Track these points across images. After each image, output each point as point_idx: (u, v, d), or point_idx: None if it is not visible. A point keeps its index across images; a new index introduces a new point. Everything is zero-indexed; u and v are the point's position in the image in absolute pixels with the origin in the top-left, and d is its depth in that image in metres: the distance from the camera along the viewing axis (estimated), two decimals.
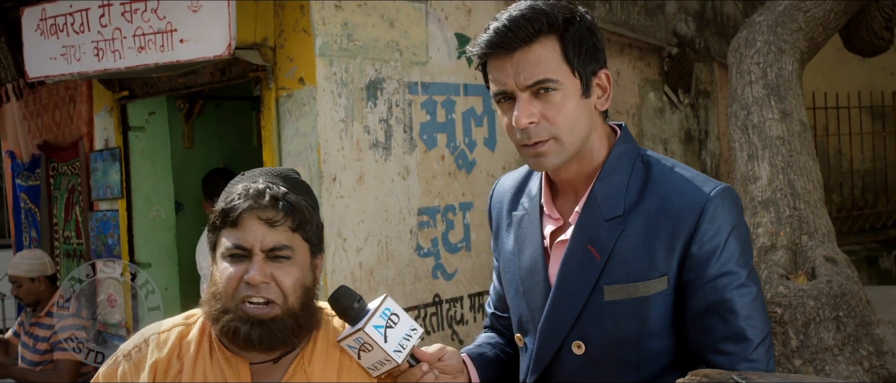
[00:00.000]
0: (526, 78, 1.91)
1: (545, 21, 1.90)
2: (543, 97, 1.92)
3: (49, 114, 6.59)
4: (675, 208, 1.92)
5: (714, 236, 1.89)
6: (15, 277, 5.43)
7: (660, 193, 1.95)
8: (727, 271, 1.90)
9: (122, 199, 5.86)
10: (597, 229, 1.97)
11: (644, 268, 1.92)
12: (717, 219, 1.90)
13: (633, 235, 1.94)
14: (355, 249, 4.73)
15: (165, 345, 2.01)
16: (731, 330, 1.89)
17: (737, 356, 1.89)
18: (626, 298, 1.93)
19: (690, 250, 1.90)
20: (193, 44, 4.43)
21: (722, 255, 1.90)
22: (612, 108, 6.50)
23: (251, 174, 2.04)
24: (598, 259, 1.95)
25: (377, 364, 1.96)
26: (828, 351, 3.69)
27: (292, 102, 4.69)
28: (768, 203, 4.23)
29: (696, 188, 1.93)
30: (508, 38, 1.91)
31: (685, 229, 1.90)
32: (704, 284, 1.90)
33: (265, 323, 1.88)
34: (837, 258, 3.98)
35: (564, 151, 1.96)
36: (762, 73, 4.65)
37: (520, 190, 2.20)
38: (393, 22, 4.94)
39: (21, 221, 7.15)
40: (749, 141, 4.47)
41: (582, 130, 1.96)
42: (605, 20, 6.41)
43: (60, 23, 4.93)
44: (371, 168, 4.82)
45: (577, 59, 1.93)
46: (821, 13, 4.90)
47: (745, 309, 1.90)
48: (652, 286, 1.92)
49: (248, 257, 1.90)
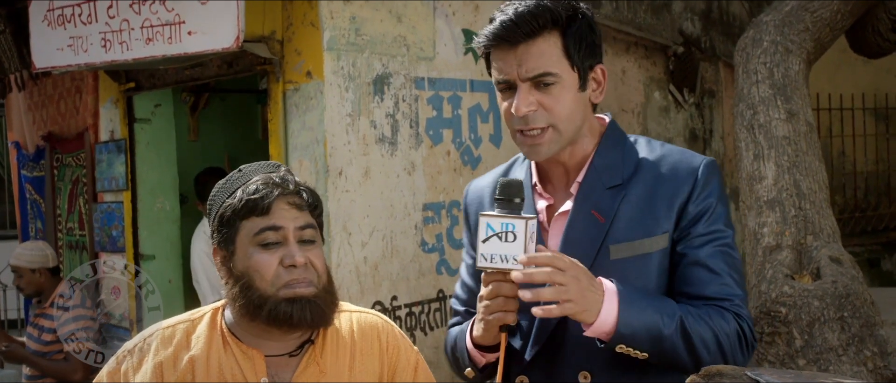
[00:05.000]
0: (528, 70, 2.03)
1: (549, 17, 2.02)
2: (543, 88, 2.04)
3: (54, 105, 6.60)
4: (673, 173, 2.10)
5: (707, 198, 2.09)
6: (16, 268, 5.44)
7: (655, 163, 2.13)
8: (716, 229, 2.08)
9: (126, 191, 5.87)
10: (600, 196, 2.11)
11: (648, 226, 2.08)
12: (708, 184, 2.09)
13: (634, 199, 2.09)
14: (360, 243, 4.73)
15: (171, 342, 2.01)
16: (718, 280, 2.06)
17: (723, 299, 2.05)
18: (632, 256, 2.07)
19: (687, 209, 2.08)
20: (201, 36, 4.44)
21: (712, 216, 2.09)
22: (617, 106, 6.50)
23: (249, 169, 2.06)
24: (603, 222, 2.09)
25: (502, 257, 1.95)
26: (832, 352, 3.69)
27: (299, 96, 4.69)
28: (774, 203, 4.23)
29: (689, 158, 2.13)
30: (514, 32, 2.02)
31: (683, 190, 2.08)
32: (695, 238, 2.07)
33: (312, 300, 1.92)
34: (842, 258, 3.98)
35: (560, 140, 2.09)
36: (769, 73, 4.64)
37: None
38: (401, 17, 4.95)
39: (27, 212, 7.16)
40: (755, 140, 4.47)
41: (577, 120, 2.10)
42: (612, 18, 6.41)
43: (68, 14, 4.94)
44: (377, 163, 4.82)
45: (577, 54, 2.06)
46: (828, 14, 4.89)
47: (730, 264, 2.09)
48: (656, 243, 2.08)
49: (282, 243, 1.94)
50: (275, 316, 1.91)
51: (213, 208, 2.03)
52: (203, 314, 2.06)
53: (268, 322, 1.92)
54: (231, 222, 1.97)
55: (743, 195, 4.44)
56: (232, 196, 1.98)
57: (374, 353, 2.07)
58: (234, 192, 1.99)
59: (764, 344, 3.86)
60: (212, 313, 2.05)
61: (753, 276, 4.09)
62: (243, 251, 1.95)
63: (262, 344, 1.98)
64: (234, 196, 1.98)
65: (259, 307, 1.92)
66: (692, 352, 1.99)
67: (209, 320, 2.04)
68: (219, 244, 2.01)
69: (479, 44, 2.10)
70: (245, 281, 1.94)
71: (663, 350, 1.99)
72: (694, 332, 1.99)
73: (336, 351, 2.03)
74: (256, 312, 1.92)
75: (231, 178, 2.05)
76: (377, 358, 2.07)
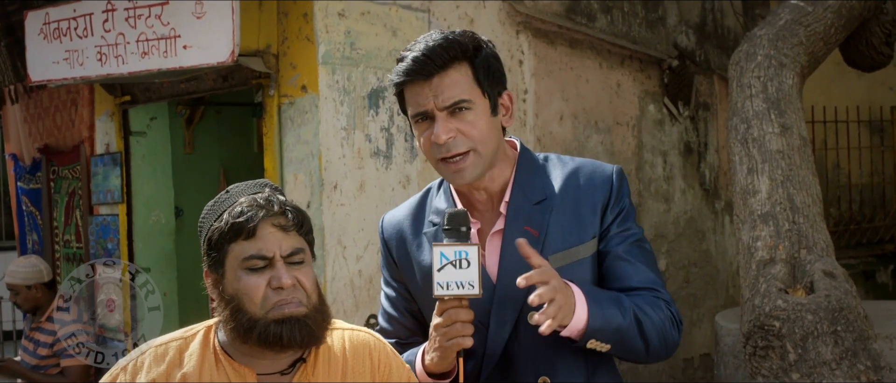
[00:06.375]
0: (444, 100, 2.16)
1: (459, 49, 2.17)
2: (458, 115, 2.18)
3: (50, 117, 6.60)
4: (591, 182, 2.30)
5: (620, 201, 2.30)
6: (12, 285, 5.45)
7: (573, 176, 2.31)
8: (628, 227, 2.31)
9: (122, 204, 5.88)
10: (530, 211, 2.27)
11: (579, 234, 2.26)
12: (621, 189, 2.31)
13: (561, 211, 2.27)
14: (355, 257, 4.74)
15: (163, 360, 2.02)
16: (638, 270, 2.27)
17: (648, 289, 2.26)
18: (569, 263, 2.24)
19: (606, 214, 2.29)
20: (197, 50, 4.45)
21: (625, 216, 2.30)
22: (612, 120, 6.51)
23: (237, 189, 2.07)
24: (537, 235, 2.24)
25: (458, 283, 2.05)
26: (826, 366, 3.70)
27: (294, 110, 4.70)
28: (767, 217, 4.24)
29: (601, 167, 2.34)
30: (427, 65, 2.16)
31: (602, 197, 2.29)
32: (614, 237, 2.28)
33: (301, 320, 1.93)
34: (836, 272, 3.99)
35: (481, 162, 2.22)
36: (762, 87, 4.65)
37: (418, 215, 2.42)
38: (396, 31, 4.97)
39: (25, 224, 7.16)
40: (749, 154, 4.48)
41: (493, 143, 2.24)
42: (606, 32, 6.43)
43: (64, 27, 4.95)
44: (372, 176, 4.83)
45: (486, 81, 2.21)
46: (821, 28, 4.91)
47: (646, 257, 2.31)
48: (587, 248, 2.27)
49: (269, 266, 1.94)
50: (265, 338, 1.92)
51: (203, 231, 2.04)
52: (196, 332, 2.07)
53: (259, 343, 1.93)
54: (219, 246, 1.98)
55: (737, 209, 4.45)
56: (219, 219, 1.99)
57: (365, 371, 2.08)
58: (220, 215, 1.99)
59: (758, 358, 3.87)
60: (205, 331, 2.06)
61: (747, 290, 4.10)
62: (232, 274, 1.96)
63: (255, 362, 1.99)
64: (221, 219, 1.98)
65: (249, 330, 1.93)
66: (644, 338, 2.19)
67: (202, 338, 2.05)
68: (209, 267, 2.02)
69: (393, 81, 2.23)
70: (235, 304, 1.95)
71: (623, 339, 2.18)
72: (643, 320, 2.19)
73: (328, 369, 2.04)
74: (247, 335, 1.93)
75: (218, 200, 2.06)
76: (369, 377, 2.08)
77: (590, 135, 6.23)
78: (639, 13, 6.91)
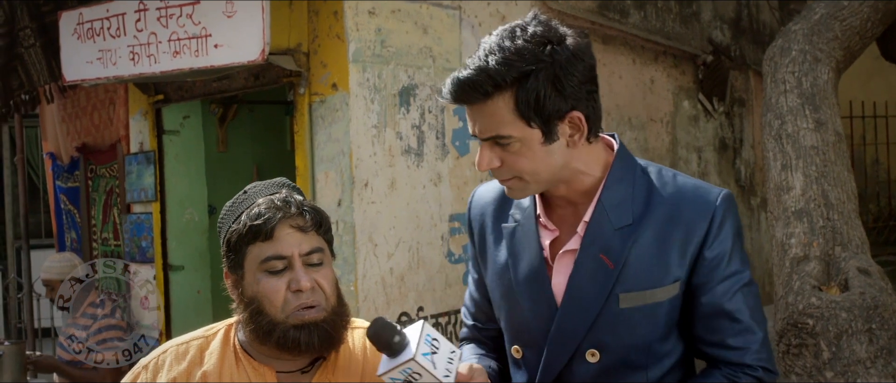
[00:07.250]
0: (482, 131, 1.94)
1: (491, 84, 1.88)
2: (502, 146, 1.94)
3: (87, 116, 6.67)
4: (686, 215, 1.99)
5: (723, 241, 1.99)
6: (47, 281, 5.52)
7: (667, 202, 2.01)
8: (734, 271, 2.00)
9: (155, 202, 5.92)
10: (608, 238, 1.99)
11: (659, 275, 1.98)
12: (724, 226, 1.99)
13: (645, 243, 1.98)
14: (386, 255, 4.74)
15: (184, 358, 2.03)
16: (739, 327, 1.99)
17: (744, 350, 1.99)
18: (642, 305, 1.98)
19: (703, 254, 1.98)
20: (228, 49, 4.47)
21: (729, 258, 1.99)
22: (646, 116, 6.47)
23: (254, 190, 2.06)
24: (612, 268, 1.98)
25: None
26: (860, 364, 3.65)
27: (325, 108, 4.71)
28: (801, 213, 4.20)
29: (702, 196, 2.01)
30: (462, 95, 1.92)
31: (697, 235, 1.98)
32: (716, 286, 1.99)
33: (320, 325, 1.92)
34: (871, 270, 3.94)
35: (530, 187, 2.00)
36: (797, 83, 4.61)
37: (504, 201, 2.18)
38: (426, 28, 4.96)
39: (62, 222, 7.24)
40: (783, 150, 4.44)
41: (547, 171, 1.97)
42: (640, 27, 6.39)
43: (97, 27, 4.99)
44: (403, 174, 4.83)
45: (532, 111, 1.89)
46: (857, 22, 4.85)
47: (751, 305, 2.01)
48: (667, 291, 1.98)
49: (288, 267, 1.93)
50: (284, 343, 1.91)
51: (222, 232, 2.04)
52: (217, 330, 2.08)
53: (277, 347, 1.93)
54: (238, 247, 1.97)
55: (771, 205, 4.41)
56: (237, 220, 1.98)
57: None
58: (238, 217, 1.99)
59: (791, 356, 3.82)
60: (225, 329, 2.07)
61: (780, 287, 4.06)
62: (252, 276, 1.96)
63: (274, 361, 1.99)
64: (239, 220, 1.97)
65: (268, 333, 1.93)
66: None
67: (223, 336, 2.05)
68: (228, 268, 2.02)
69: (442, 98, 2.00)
70: (255, 306, 1.94)
71: None
72: None
73: (347, 368, 2.04)
74: (266, 337, 1.93)
75: (237, 200, 2.05)
76: None
77: (624, 131, 6.19)
78: (673, 8, 6.86)
